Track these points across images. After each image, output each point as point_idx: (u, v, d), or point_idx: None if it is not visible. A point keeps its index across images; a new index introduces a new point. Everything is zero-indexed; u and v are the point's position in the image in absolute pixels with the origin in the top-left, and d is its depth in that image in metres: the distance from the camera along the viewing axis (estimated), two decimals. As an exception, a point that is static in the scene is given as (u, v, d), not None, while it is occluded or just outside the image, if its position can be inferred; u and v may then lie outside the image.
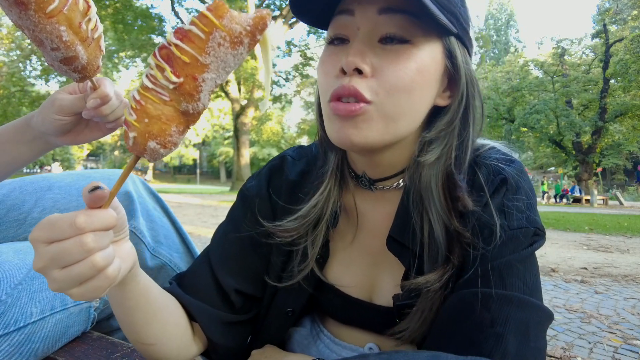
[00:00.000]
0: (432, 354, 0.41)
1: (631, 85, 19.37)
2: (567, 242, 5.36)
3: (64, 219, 0.35)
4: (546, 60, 24.99)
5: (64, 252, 0.34)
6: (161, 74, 0.36)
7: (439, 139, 0.53)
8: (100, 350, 0.68)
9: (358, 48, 0.48)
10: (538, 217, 0.52)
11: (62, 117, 0.59)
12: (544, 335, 0.46)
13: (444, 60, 0.51)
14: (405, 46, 0.48)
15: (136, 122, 0.36)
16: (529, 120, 22.01)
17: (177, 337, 0.56)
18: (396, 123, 0.49)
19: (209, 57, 0.35)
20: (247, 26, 0.35)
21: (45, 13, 0.40)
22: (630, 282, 3.14)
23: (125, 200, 0.77)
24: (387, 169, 0.57)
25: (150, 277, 0.53)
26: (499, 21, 51.91)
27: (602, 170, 24.87)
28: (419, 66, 0.48)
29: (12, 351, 0.58)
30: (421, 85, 0.49)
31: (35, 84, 21.21)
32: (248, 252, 0.63)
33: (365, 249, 0.62)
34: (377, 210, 0.60)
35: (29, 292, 0.61)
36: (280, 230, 0.59)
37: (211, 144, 42.18)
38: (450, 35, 0.50)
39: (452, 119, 0.53)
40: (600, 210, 13.36)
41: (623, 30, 21.03)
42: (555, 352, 1.77)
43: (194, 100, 0.37)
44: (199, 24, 0.35)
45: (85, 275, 0.35)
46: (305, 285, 0.61)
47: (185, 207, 9.53)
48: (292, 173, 0.65)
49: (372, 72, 0.48)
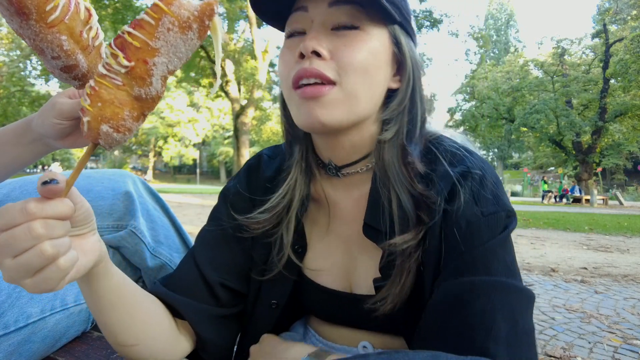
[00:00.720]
0: (432, 354, 0.41)
1: (631, 85, 19.37)
2: (567, 242, 5.36)
3: (15, 206, 0.35)
4: (546, 60, 24.98)
5: (14, 239, 0.34)
6: (114, 60, 0.37)
7: (394, 118, 0.57)
8: (100, 350, 0.68)
9: (314, 35, 0.53)
10: (508, 200, 0.54)
11: (62, 121, 0.59)
12: (531, 318, 0.47)
13: (391, 46, 0.56)
14: (356, 31, 0.53)
15: (90, 106, 0.38)
16: (529, 120, 22.01)
17: (161, 336, 0.56)
18: (358, 102, 0.53)
19: (158, 41, 0.37)
20: (194, 11, 0.37)
21: (46, 23, 0.40)
22: (630, 282, 3.15)
23: (126, 200, 0.77)
24: (351, 153, 0.59)
25: (127, 277, 0.52)
26: (498, 21, 51.90)
27: (602, 170, 24.88)
28: (370, 48, 0.53)
29: (12, 351, 0.58)
30: (375, 67, 0.54)
31: (35, 84, 21.22)
32: (231, 248, 0.64)
33: (340, 238, 0.63)
34: (347, 197, 0.62)
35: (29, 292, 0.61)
36: (253, 223, 0.62)
37: (211, 144, 42.17)
38: (394, 24, 0.56)
39: (403, 99, 0.57)
40: (600, 210, 13.37)
41: (623, 30, 21.02)
42: (555, 352, 1.77)
43: (146, 85, 0.38)
44: (149, 12, 0.37)
45: (34, 264, 0.35)
46: (287, 274, 0.63)
47: (185, 207, 9.53)
48: (268, 170, 0.68)
49: (329, 55, 0.52)
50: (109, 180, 0.79)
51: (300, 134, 0.63)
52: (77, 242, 0.41)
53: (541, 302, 2.54)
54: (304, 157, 0.63)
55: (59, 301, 0.65)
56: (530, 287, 2.88)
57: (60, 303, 0.65)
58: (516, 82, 24.30)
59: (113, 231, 0.76)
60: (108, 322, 0.51)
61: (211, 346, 0.61)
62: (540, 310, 2.38)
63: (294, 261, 0.63)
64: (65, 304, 0.66)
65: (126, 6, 15.10)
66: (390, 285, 0.55)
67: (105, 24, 15.28)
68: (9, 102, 19.92)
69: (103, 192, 0.77)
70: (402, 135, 0.57)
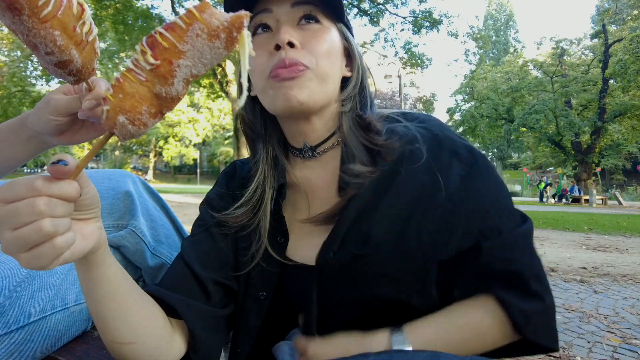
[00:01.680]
0: (432, 354, 0.41)
1: (630, 85, 19.38)
2: (566, 242, 5.36)
3: (22, 181, 0.36)
4: (545, 60, 25.01)
5: (16, 212, 0.35)
6: (142, 57, 0.39)
7: (350, 98, 0.67)
8: (101, 349, 0.68)
9: (285, 28, 0.59)
10: (468, 142, 0.65)
11: (57, 117, 0.59)
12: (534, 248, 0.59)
13: (342, 40, 0.65)
14: (318, 25, 0.61)
15: (112, 96, 0.39)
16: (528, 120, 22.02)
17: (157, 335, 0.55)
18: (327, 84, 0.61)
19: (186, 45, 0.39)
20: (224, 22, 0.39)
21: (39, 18, 0.40)
22: (629, 281, 3.15)
23: (126, 199, 0.77)
24: (323, 131, 0.66)
25: (126, 272, 0.53)
26: (498, 21, 51.90)
27: (601, 171, 24.90)
28: (331, 39, 0.62)
29: (12, 350, 0.59)
30: (335, 55, 0.62)
31: (36, 84, 21.19)
32: (217, 244, 0.66)
33: None
34: (325, 174, 0.67)
35: (29, 291, 0.61)
36: (231, 218, 0.66)
37: (211, 143, 42.14)
38: (339, 22, 0.65)
39: (356, 84, 0.67)
40: (599, 210, 13.38)
41: (622, 31, 21.04)
42: (555, 351, 1.78)
43: (168, 84, 0.40)
44: (183, 17, 0.39)
45: (32, 239, 0.35)
46: (266, 265, 0.65)
47: (185, 207, 9.53)
48: (242, 174, 0.73)
49: (301, 45, 0.59)
50: (109, 180, 0.79)
51: (260, 130, 0.69)
52: (77, 225, 0.42)
53: (540, 302, 2.54)
54: (267, 153, 0.69)
55: (60, 300, 0.65)
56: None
57: (61, 302, 0.65)
58: (515, 83, 24.31)
59: (113, 230, 0.76)
60: (106, 315, 0.51)
61: (203, 347, 0.60)
62: (540, 310, 2.39)
63: (274, 250, 0.65)
64: (66, 304, 0.66)
65: (126, 7, 15.09)
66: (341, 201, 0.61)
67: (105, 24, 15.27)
68: (10, 102, 19.90)
69: (103, 191, 0.77)
70: (357, 108, 0.67)
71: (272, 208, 0.66)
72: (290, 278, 0.66)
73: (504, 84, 24.80)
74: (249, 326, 0.66)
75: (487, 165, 0.62)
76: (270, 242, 0.65)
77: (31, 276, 0.62)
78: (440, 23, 14.22)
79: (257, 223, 0.66)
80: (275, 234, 0.66)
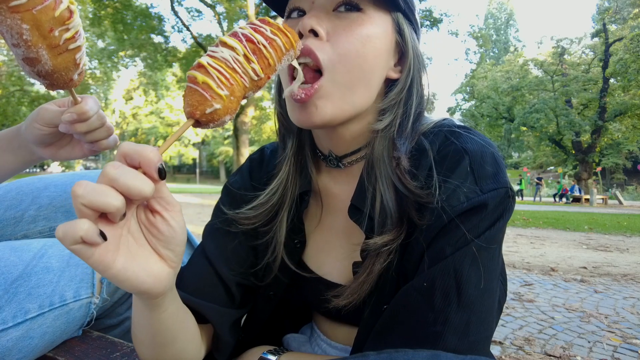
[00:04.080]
0: (431, 353, 0.41)
1: (631, 84, 19.37)
2: (566, 242, 5.36)
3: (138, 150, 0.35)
4: (546, 59, 24.98)
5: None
6: (248, 64, 0.42)
7: (389, 109, 0.55)
8: (100, 349, 0.68)
9: (314, 14, 0.51)
10: (507, 177, 0.50)
11: (42, 127, 0.60)
12: (486, 327, 0.47)
13: (394, 35, 0.54)
14: (357, 14, 0.51)
15: (226, 97, 0.41)
16: (529, 119, 22.02)
17: (193, 345, 0.55)
18: (353, 92, 0.51)
19: (280, 65, 0.45)
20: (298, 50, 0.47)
21: (8, 6, 0.40)
22: (630, 281, 3.15)
23: (124, 198, 0.77)
24: (351, 144, 0.58)
25: (179, 300, 0.50)
26: (498, 20, 51.87)
27: (602, 170, 24.88)
28: (370, 33, 0.51)
29: (11, 347, 0.58)
30: (373, 54, 0.51)
31: (35, 84, 21.19)
32: (239, 240, 0.63)
33: (341, 230, 0.62)
34: (346, 187, 0.61)
35: (26, 288, 0.61)
36: (242, 218, 0.61)
37: (211, 143, 42.12)
38: (398, 11, 0.54)
39: (401, 90, 0.56)
40: (599, 209, 13.37)
41: (623, 30, 21.02)
42: (555, 351, 1.77)
43: (254, 92, 0.44)
44: (282, 39, 0.44)
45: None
46: (281, 276, 0.62)
47: (185, 207, 9.53)
48: (270, 164, 0.67)
49: (327, 36, 0.50)
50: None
51: (293, 127, 0.62)
52: (151, 258, 0.38)
53: (541, 302, 2.54)
54: (295, 153, 0.62)
55: (58, 297, 0.65)
56: (529, 286, 2.90)
57: (59, 299, 0.65)
58: (516, 82, 24.31)
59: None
60: (149, 342, 0.49)
61: (226, 346, 0.61)
62: (540, 309, 2.39)
63: (289, 259, 0.62)
64: (64, 300, 0.66)
65: (125, 6, 15.09)
66: (355, 280, 0.53)
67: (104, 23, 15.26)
68: (8, 101, 19.90)
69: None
70: (395, 127, 0.55)
71: (292, 215, 0.61)
72: (306, 283, 0.64)
73: (505, 83, 24.79)
74: (257, 320, 0.67)
75: None
76: (286, 251, 0.61)
77: (27, 274, 0.62)
78: (441, 22, 14.21)
79: (272, 229, 0.61)
80: (292, 243, 0.62)
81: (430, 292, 0.45)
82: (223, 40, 0.42)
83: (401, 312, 0.47)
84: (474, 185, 0.48)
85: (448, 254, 0.46)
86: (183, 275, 0.61)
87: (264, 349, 0.63)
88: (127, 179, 0.33)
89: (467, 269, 0.45)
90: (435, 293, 0.45)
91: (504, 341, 1.89)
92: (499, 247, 0.50)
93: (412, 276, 0.49)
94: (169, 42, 18.80)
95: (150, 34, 17.50)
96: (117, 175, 0.33)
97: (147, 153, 0.34)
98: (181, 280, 0.60)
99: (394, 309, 0.48)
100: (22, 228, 0.72)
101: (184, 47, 19.78)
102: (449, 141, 0.52)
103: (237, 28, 0.44)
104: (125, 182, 0.33)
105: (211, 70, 0.40)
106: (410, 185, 0.50)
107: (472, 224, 0.46)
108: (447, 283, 0.45)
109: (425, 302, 0.45)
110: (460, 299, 0.44)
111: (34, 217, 0.73)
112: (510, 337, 1.93)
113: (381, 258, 0.51)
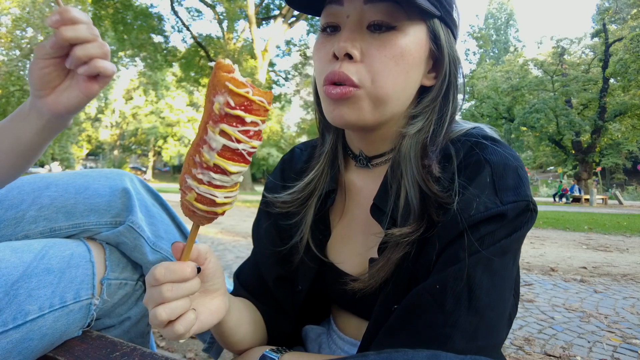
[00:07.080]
0: (431, 353, 0.41)
1: (630, 84, 19.36)
2: (566, 242, 5.36)
3: (157, 269, 0.45)
4: (546, 59, 24.97)
5: (151, 296, 0.45)
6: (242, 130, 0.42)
7: (423, 114, 0.56)
8: (100, 349, 0.68)
9: (348, 35, 0.52)
10: (529, 191, 0.50)
11: (40, 60, 0.55)
12: (495, 334, 0.48)
13: (428, 43, 0.54)
14: (391, 32, 0.51)
15: (231, 200, 0.44)
16: (529, 119, 22.00)
17: (261, 333, 0.69)
18: (385, 105, 0.53)
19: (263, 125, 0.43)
20: None
21: None
22: (630, 281, 3.15)
23: (123, 196, 0.77)
24: (381, 146, 0.61)
25: (241, 305, 0.65)
26: (498, 20, 51.83)
27: (602, 170, 24.88)
28: (404, 50, 0.52)
29: (10, 349, 0.58)
30: (406, 70, 0.53)
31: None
32: (277, 240, 0.69)
33: (363, 227, 0.63)
34: (371, 183, 0.63)
35: (26, 289, 0.61)
36: (278, 201, 0.67)
37: (211, 143, 41.94)
38: (433, 18, 0.54)
39: (436, 97, 0.57)
40: (599, 209, 13.37)
41: (622, 30, 21.01)
42: (555, 351, 1.77)
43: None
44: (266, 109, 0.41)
45: (159, 321, 0.43)
46: (308, 260, 0.66)
47: (184, 207, 9.51)
48: (299, 163, 0.72)
49: (361, 57, 0.52)
50: (107, 179, 0.79)
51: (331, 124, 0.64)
52: (206, 300, 0.50)
53: (540, 302, 2.54)
54: (332, 148, 0.66)
55: (58, 299, 0.65)
56: (529, 286, 2.90)
57: (59, 300, 0.65)
58: (516, 82, 24.30)
59: (111, 227, 0.75)
60: (226, 342, 0.63)
61: (279, 336, 0.71)
62: (540, 309, 2.39)
63: (316, 247, 0.65)
64: (64, 302, 0.66)
65: (126, 6, 15.09)
66: (372, 268, 0.55)
67: (105, 23, 15.26)
68: (8, 101, 19.91)
69: (100, 189, 0.76)
70: (427, 133, 0.55)
71: (318, 206, 0.65)
72: (328, 275, 0.66)
73: (504, 83, 24.78)
74: (285, 311, 0.71)
75: None
76: (312, 237, 0.65)
77: (27, 275, 0.62)
78: (441, 22, 14.16)
79: (301, 218, 0.66)
80: (317, 231, 0.66)
81: (442, 295, 0.46)
82: (217, 162, 0.40)
83: (411, 312, 0.48)
84: (494, 196, 0.48)
85: (462, 258, 0.46)
86: (242, 270, 0.75)
87: (266, 347, 0.64)
88: (187, 289, 0.46)
89: (480, 274, 0.46)
90: (447, 296, 0.46)
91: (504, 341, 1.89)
92: (514, 258, 0.50)
93: (425, 276, 0.50)
94: (169, 42, 18.78)
95: (150, 33, 17.49)
96: (175, 294, 0.45)
97: (186, 274, 0.45)
98: (239, 275, 0.74)
99: (404, 309, 0.49)
100: (23, 228, 0.72)
101: (184, 46, 19.73)
102: (474, 152, 0.53)
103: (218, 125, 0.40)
104: (186, 289, 0.46)
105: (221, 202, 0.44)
106: (434, 189, 0.51)
107: (488, 232, 0.47)
108: (459, 287, 0.45)
109: (436, 303, 0.46)
110: (471, 303, 0.45)
111: (35, 217, 0.73)
112: (510, 337, 1.93)
113: (400, 248, 0.52)
